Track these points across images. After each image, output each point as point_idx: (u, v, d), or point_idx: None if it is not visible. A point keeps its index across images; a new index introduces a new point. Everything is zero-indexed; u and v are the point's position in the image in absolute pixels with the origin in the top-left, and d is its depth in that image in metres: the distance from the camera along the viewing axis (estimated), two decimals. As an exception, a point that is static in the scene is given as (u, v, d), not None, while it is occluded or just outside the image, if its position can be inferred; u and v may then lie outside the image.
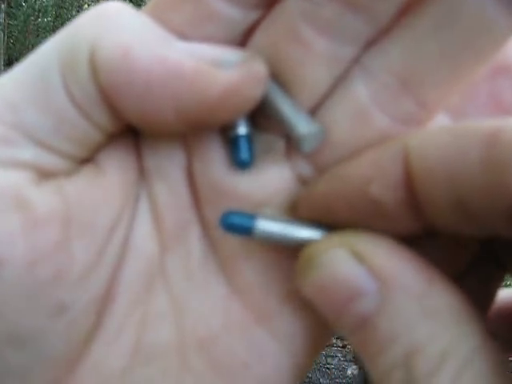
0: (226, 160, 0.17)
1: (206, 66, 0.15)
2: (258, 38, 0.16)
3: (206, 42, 0.16)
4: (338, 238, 0.15)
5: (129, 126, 0.16)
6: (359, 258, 0.14)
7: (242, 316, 0.17)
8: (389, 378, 0.14)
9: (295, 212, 0.17)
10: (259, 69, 0.15)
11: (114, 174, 0.17)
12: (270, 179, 0.17)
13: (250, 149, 0.16)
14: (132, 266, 0.17)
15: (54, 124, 0.15)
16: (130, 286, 0.17)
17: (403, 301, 0.14)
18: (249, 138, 0.16)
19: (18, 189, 0.15)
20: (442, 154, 0.14)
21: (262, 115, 0.16)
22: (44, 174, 0.16)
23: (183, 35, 0.16)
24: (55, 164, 0.16)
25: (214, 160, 0.17)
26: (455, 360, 0.13)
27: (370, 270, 0.14)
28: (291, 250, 0.17)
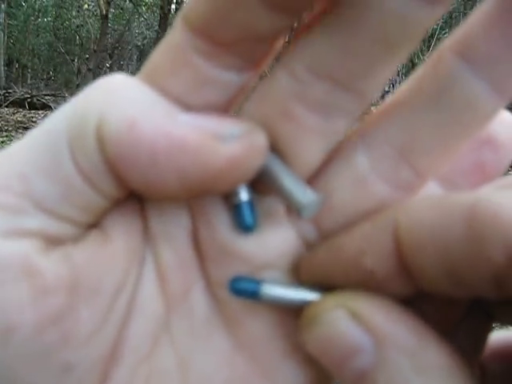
0: (230, 223, 0.18)
1: (209, 140, 0.15)
2: (250, 109, 0.17)
3: (205, 107, 0.16)
4: (337, 299, 0.16)
5: (134, 191, 0.17)
6: (356, 317, 0.15)
7: (246, 370, 0.18)
8: None
9: (297, 274, 0.18)
10: (260, 142, 0.16)
11: (119, 239, 0.17)
12: (274, 241, 0.18)
13: (253, 214, 0.17)
14: (137, 326, 0.18)
15: (62, 192, 0.16)
16: (135, 346, 0.18)
17: (397, 357, 0.15)
18: (251, 203, 0.17)
19: (26, 258, 0.16)
20: (429, 228, 0.15)
21: (260, 180, 0.17)
22: (52, 241, 0.16)
23: (182, 101, 0.16)
24: (62, 230, 0.17)
25: (217, 223, 0.18)
26: None
27: (366, 329, 0.15)
28: (294, 307, 0.17)
